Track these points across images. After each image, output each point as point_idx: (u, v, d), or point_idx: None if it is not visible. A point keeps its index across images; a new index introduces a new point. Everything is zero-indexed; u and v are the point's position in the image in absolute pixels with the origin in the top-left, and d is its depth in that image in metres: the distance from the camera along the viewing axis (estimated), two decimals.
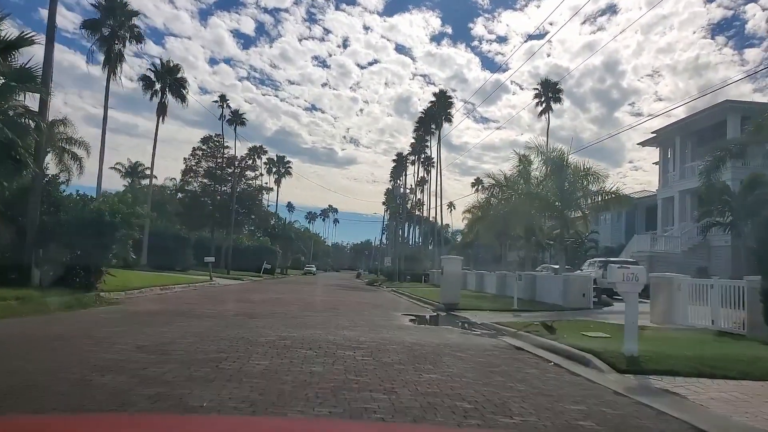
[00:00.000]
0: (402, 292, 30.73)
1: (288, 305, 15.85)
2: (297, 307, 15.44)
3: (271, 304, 16.31)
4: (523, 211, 27.51)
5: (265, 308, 14.38)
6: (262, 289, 25.43)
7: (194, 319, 10.96)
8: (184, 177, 56.16)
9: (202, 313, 12.26)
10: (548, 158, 24.28)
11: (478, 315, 16.80)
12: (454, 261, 20.64)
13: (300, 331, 9.60)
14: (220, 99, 63.74)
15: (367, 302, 20.06)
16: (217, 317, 11.60)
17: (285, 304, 16.18)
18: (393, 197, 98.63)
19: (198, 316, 11.62)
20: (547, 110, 53.35)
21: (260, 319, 11.45)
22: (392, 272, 53.90)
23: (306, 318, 12.11)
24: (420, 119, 63.24)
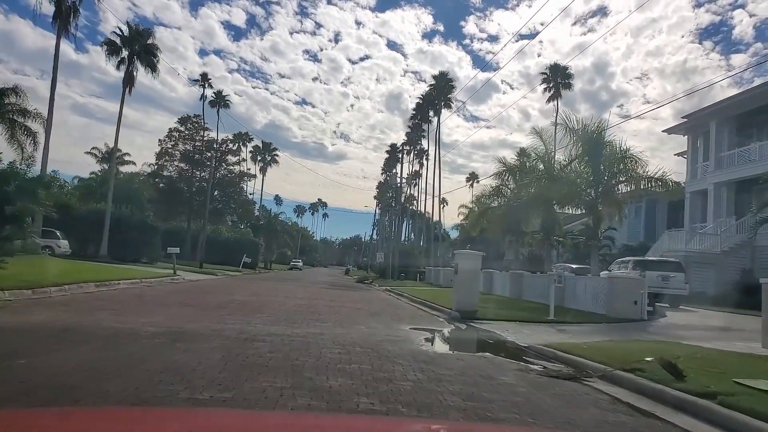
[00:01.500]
0: (399, 292, 26.46)
1: (254, 313, 11.45)
2: (266, 316, 11.03)
3: (231, 311, 11.91)
4: (545, 199, 23.29)
5: (215, 320, 9.98)
6: (233, 288, 21.00)
7: (78, 345, 6.59)
8: (159, 160, 51.44)
9: (107, 330, 7.86)
10: (585, 132, 20.03)
11: (509, 329, 12.58)
12: (470, 257, 16.35)
13: (250, 379, 5.26)
14: (201, 78, 59.33)
15: (360, 308, 15.72)
16: (122, 339, 7.20)
17: (250, 312, 11.77)
18: (385, 191, 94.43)
19: (92, 336, 7.24)
20: (556, 97, 49.24)
21: (194, 344, 7.11)
22: (384, 269, 49.59)
23: (272, 341, 7.74)
24: (417, 105, 58.81)
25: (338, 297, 20.31)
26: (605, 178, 20.62)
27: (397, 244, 49.57)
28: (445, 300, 20.31)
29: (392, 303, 19.80)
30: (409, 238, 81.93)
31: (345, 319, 11.76)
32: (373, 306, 17.10)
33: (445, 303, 18.24)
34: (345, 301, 18.34)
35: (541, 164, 25.15)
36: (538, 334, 11.99)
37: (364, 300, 20.10)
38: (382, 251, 53.86)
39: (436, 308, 17.63)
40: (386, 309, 16.52)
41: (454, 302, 16.05)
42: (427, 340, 10.03)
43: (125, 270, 23.36)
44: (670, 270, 21.65)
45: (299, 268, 76.84)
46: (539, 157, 25.42)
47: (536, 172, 25.04)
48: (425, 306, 18.89)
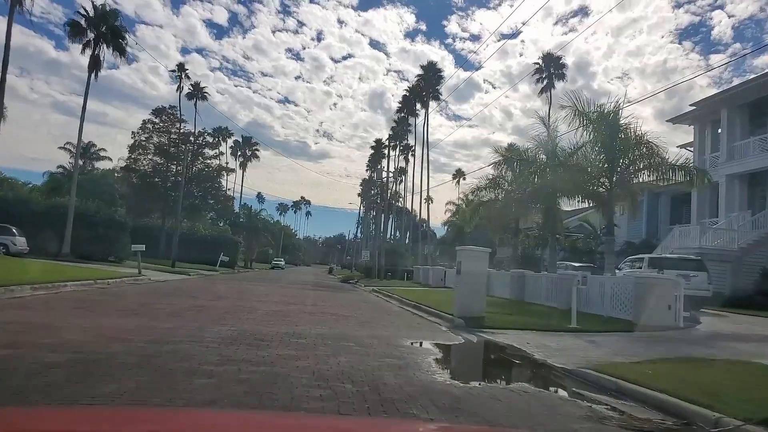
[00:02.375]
0: (388, 293, 24.06)
1: (212, 325, 8.95)
2: (227, 329, 8.54)
3: (186, 320, 9.41)
4: (550, 190, 21.05)
5: (158, 335, 7.51)
6: (201, 290, 18.45)
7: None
8: (132, 154, 48.41)
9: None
10: (601, 114, 17.78)
11: (529, 341, 10.28)
12: (476, 255, 13.99)
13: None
14: (178, 69, 56.45)
15: (347, 314, 13.26)
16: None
17: (209, 322, 9.27)
18: (370, 187, 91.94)
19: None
20: (549, 88, 47.14)
21: (100, 384, 4.62)
22: (370, 268, 47.15)
23: (221, 375, 5.30)
24: (404, 98, 56.43)
25: (321, 300, 17.84)
26: (621, 165, 18.42)
27: (383, 242, 47.17)
28: (441, 303, 18.00)
29: (383, 307, 17.39)
30: (394, 236, 79.58)
31: (329, 332, 9.30)
32: (362, 312, 14.67)
33: (443, 306, 15.95)
34: (329, 305, 15.87)
35: (543, 154, 22.94)
36: (571, 350, 9.68)
37: (350, 303, 17.66)
38: (368, 249, 51.42)
39: (433, 313, 15.27)
40: (377, 315, 14.11)
41: (457, 307, 13.71)
42: (439, 362, 7.63)
43: (81, 270, 20.68)
44: (690, 268, 19.49)
45: (281, 267, 74.12)
46: (541, 145, 23.20)
47: (538, 161, 22.81)
48: (420, 310, 16.52)
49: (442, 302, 18.80)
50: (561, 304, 17.80)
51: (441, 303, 18.04)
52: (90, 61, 31.04)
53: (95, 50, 31.03)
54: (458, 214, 48.41)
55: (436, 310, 15.43)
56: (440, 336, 10.68)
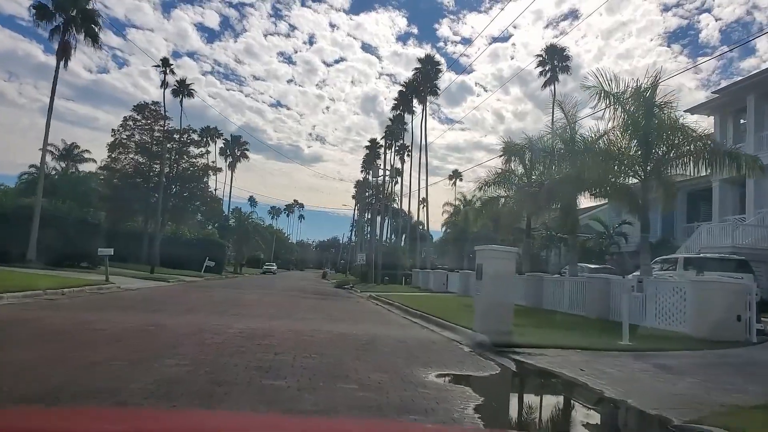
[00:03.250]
0: (387, 300, 21.52)
1: (151, 361, 6.32)
2: (171, 368, 5.88)
3: (124, 353, 6.79)
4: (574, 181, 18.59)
5: (56, 383, 4.89)
6: (170, 301, 15.80)
7: None
8: (112, 153, 45.65)
9: None
10: (636, 92, 15.34)
11: (584, 369, 7.87)
12: (501, 256, 11.44)
13: None
14: (162, 63, 53.57)
15: (343, 331, 10.64)
16: None
17: (153, 356, 6.64)
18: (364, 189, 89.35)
19: None
20: (552, 81, 44.83)
21: None
22: (366, 272, 44.56)
23: None
24: (400, 94, 53.98)
25: (312, 312, 15.25)
26: (657, 151, 15.99)
27: (380, 244, 44.64)
28: (451, 312, 15.52)
29: (385, 319, 14.82)
30: (390, 239, 76.95)
31: (320, 364, 6.73)
32: (361, 327, 12.09)
33: (456, 317, 13.47)
34: (321, 318, 13.27)
35: (560, 142, 20.52)
36: (642, 380, 7.26)
37: (346, 315, 15.08)
38: (364, 252, 48.83)
39: (447, 326, 12.74)
40: (381, 332, 11.54)
41: (478, 319, 11.18)
42: (483, 412, 5.06)
43: (37, 277, 18.00)
44: (733, 269, 17.08)
45: (273, 272, 71.37)
46: (558, 134, 20.77)
47: (555, 150, 20.38)
48: (429, 322, 13.99)
49: (453, 311, 16.30)
50: (591, 313, 15.37)
51: (452, 312, 15.55)
52: (59, 48, 28.36)
53: (64, 36, 28.34)
54: (458, 215, 45.96)
55: (449, 322, 12.89)
56: (468, 362, 8.14)
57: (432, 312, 15.31)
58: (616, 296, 14.79)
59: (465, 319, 12.95)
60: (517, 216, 23.11)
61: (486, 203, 24.89)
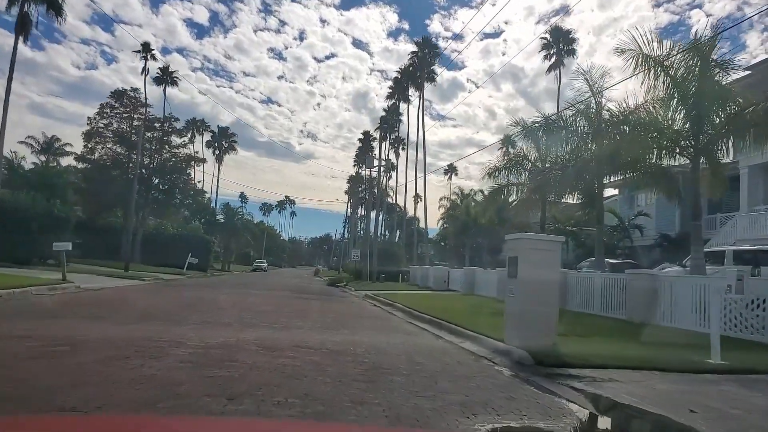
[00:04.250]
0: (387, 300, 18.91)
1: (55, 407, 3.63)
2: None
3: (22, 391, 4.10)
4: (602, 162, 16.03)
5: None
6: (127, 306, 13.11)
7: None
8: (88, 142, 42.70)
9: None
10: (694, 47, 12.77)
11: (682, 402, 5.21)
12: (543, 247, 8.82)
13: None
14: (143, 48, 50.74)
15: (336, 347, 7.97)
16: None
17: (57, 401, 3.96)
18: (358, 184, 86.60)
19: None
20: (558, 65, 42.36)
21: None
22: (360, 269, 41.88)
23: None
24: (395, 81, 51.32)
25: (300, 316, 12.56)
26: (711, 126, 13.45)
27: (375, 240, 42.00)
28: (465, 315, 13.01)
29: (388, 325, 12.14)
30: (384, 236, 74.26)
31: (301, 410, 4.11)
32: (360, 338, 9.40)
33: (472, 323, 10.99)
34: (310, 328, 10.56)
35: (582, 119, 17.95)
36: None
37: (341, 321, 12.41)
38: (358, 248, 46.14)
39: (467, 335, 10.12)
40: (387, 344, 8.88)
41: (512, 329, 8.61)
42: None
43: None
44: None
45: (263, 270, 68.61)
46: (580, 111, 18.18)
47: (579, 128, 17.81)
48: (441, 329, 11.39)
49: (465, 314, 13.71)
50: (633, 315, 12.80)
51: (465, 316, 12.97)
52: (17, 21, 25.46)
53: (23, 8, 25.43)
54: (456, 208, 43.38)
55: (469, 330, 10.27)
56: (520, 398, 5.49)
57: (442, 315, 12.70)
58: (664, 295, 12.27)
59: (486, 326, 10.38)
60: (534, 204, 20.49)
61: (494, 193, 22.24)
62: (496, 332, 9.39)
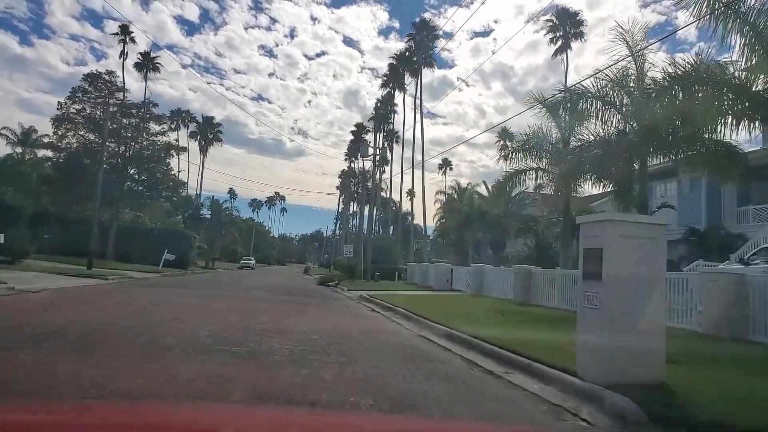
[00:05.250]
0: (387, 303, 15.94)
1: None
2: None
3: None
4: (648, 137, 13.11)
5: None
6: (54, 316, 9.96)
7: None
8: (57, 129, 39.32)
9: None
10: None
11: None
12: (645, 232, 5.85)
13: None
14: (121, 31, 47.41)
15: (330, 397, 4.89)
16: None
17: None
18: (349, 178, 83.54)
19: None
20: (564, 49, 39.50)
21: None
22: (353, 267, 38.79)
23: None
24: (390, 68, 48.22)
25: (279, 330, 9.45)
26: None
27: (369, 235, 38.99)
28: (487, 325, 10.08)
29: (398, 344, 9.06)
30: (377, 231, 71.22)
31: None
32: (361, 369, 6.35)
33: (509, 339, 8.01)
34: (292, 351, 7.50)
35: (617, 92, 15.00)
36: None
37: (334, 334, 9.32)
38: (351, 244, 43.09)
39: (512, 361, 7.16)
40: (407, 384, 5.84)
41: (593, 357, 5.67)
42: None
43: None
44: None
45: (251, 267, 65.31)
46: (616, 80, 15.21)
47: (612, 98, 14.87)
48: (469, 347, 8.43)
49: (491, 324, 10.79)
50: (718, 329, 9.83)
51: (493, 327, 10.02)
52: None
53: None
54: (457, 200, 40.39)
55: (520, 355, 7.25)
56: None
57: (463, 328, 9.75)
58: (757, 302, 9.37)
59: (537, 346, 7.42)
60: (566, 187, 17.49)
61: (509, 178, 19.23)
62: (556, 357, 6.46)
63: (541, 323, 11.32)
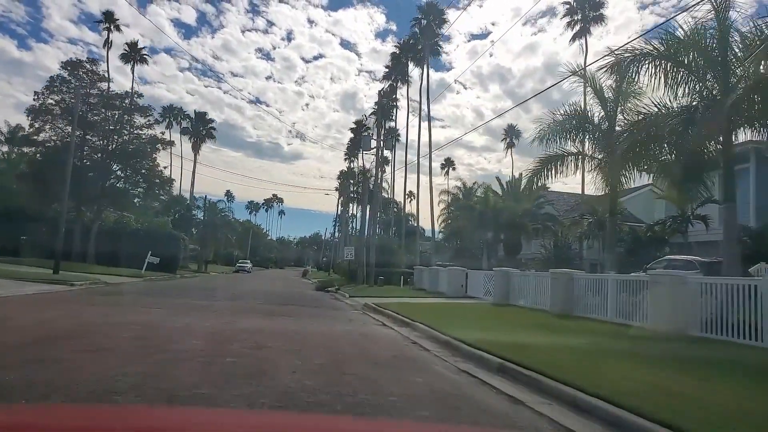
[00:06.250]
0: (402, 317, 12.87)
1: None
2: None
3: None
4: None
5: None
6: None
7: None
8: (34, 121, 36.20)
9: None
10: None
11: None
12: None
13: None
14: (105, 18, 44.51)
15: None
16: None
17: None
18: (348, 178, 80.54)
19: None
20: (583, 33, 36.48)
21: None
22: (355, 270, 35.65)
23: None
24: (393, 57, 45.21)
25: (251, 372, 6.36)
26: None
27: (373, 236, 35.86)
28: (556, 353, 7.03)
29: (440, 390, 5.95)
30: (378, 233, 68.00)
31: None
32: None
33: (602, 381, 4.84)
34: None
35: (692, 54, 11.94)
36: None
37: (342, 377, 6.26)
38: (352, 246, 39.98)
39: (629, 425, 4.06)
40: None
41: None
42: None
43: None
44: None
45: (247, 271, 62.06)
46: (689, 41, 12.15)
47: (691, 64, 11.82)
48: (555, 400, 5.34)
49: (564, 351, 7.75)
50: None
51: (587, 362, 6.98)
52: None
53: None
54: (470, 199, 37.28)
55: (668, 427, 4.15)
56: None
57: (531, 361, 6.70)
58: None
59: (701, 413, 4.33)
60: (614, 176, 14.39)
61: (545, 162, 16.09)
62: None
63: (627, 350, 8.28)
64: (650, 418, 4.21)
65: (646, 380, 5.74)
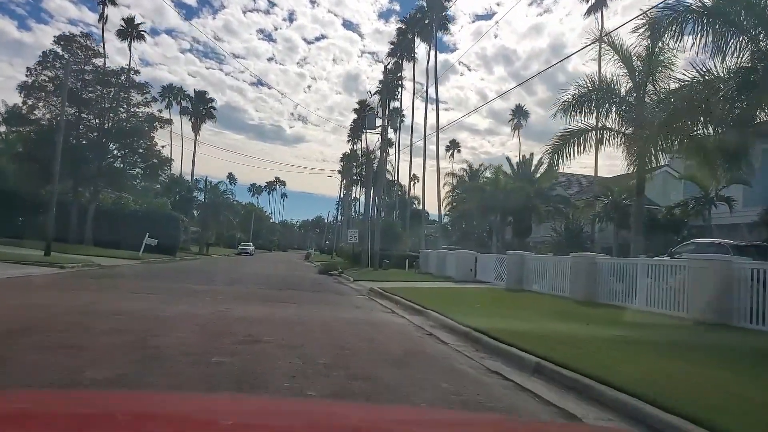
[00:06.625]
0: (411, 303, 11.86)
1: None
2: None
3: None
4: None
5: None
6: None
7: None
8: (27, 98, 34.97)
9: None
10: None
11: None
12: None
13: None
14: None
15: None
16: None
17: None
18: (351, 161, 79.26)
19: None
20: (600, 6, 34.97)
21: None
22: (358, 253, 34.62)
23: None
24: (398, 33, 43.75)
25: (241, 377, 5.35)
26: None
27: (378, 218, 34.75)
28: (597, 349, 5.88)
29: (465, 392, 4.95)
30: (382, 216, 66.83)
31: None
32: None
33: (669, 383, 3.67)
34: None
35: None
36: None
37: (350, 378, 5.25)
38: (356, 228, 38.95)
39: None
40: None
41: None
42: None
43: None
44: None
45: (249, 254, 61.07)
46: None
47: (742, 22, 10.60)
48: (619, 413, 4.27)
49: (611, 347, 6.70)
50: None
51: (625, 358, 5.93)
52: None
53: None
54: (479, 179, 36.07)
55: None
56: None
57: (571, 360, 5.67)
58: None
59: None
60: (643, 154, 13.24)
61: (566, 139, 14.92)
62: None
63: (685, 345, 7.24)
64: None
65: (732, 390, 4.67)
